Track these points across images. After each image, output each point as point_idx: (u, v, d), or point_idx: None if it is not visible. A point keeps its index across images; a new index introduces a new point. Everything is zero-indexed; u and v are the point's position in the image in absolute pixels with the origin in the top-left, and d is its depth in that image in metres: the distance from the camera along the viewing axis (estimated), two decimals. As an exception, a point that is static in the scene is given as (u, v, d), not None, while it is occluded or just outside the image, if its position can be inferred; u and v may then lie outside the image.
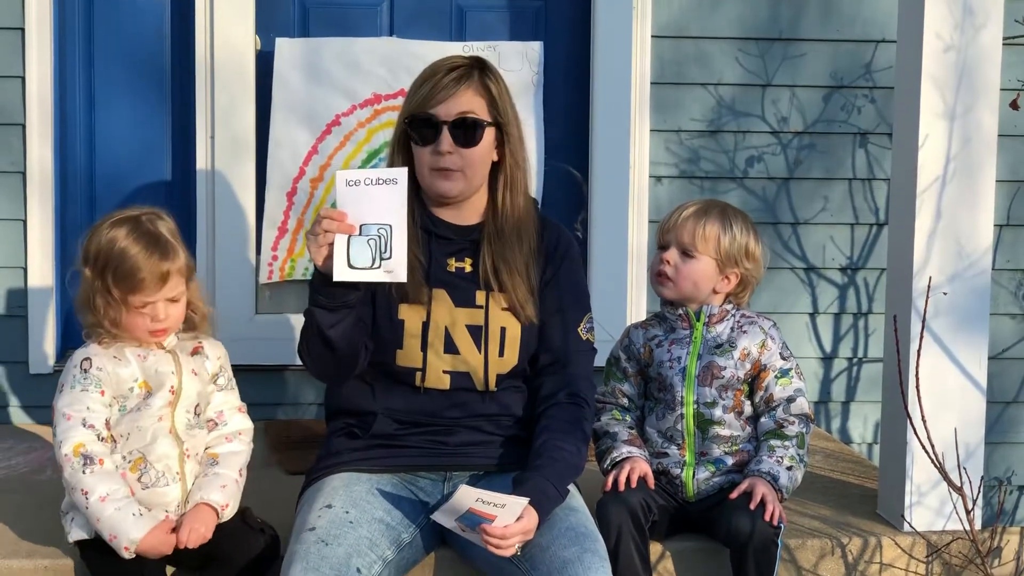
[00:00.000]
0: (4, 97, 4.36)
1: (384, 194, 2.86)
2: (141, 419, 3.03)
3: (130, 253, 2.99)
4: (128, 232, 3.02)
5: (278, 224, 4.48)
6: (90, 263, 3.03)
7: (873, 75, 4.66)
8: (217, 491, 3.06)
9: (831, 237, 4.73)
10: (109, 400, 3.03)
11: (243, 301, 4.49)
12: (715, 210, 3.36)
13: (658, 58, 4.58)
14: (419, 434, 3.14)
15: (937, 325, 3.46)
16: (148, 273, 2.99)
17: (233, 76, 4.43)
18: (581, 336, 3.18)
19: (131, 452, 3.03)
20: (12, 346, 4.44)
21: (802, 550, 3.39)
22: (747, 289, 3.39)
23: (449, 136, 3.04)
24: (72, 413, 3.00)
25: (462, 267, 3.15)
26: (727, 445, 3.33)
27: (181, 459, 3.06)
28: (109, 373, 3.02)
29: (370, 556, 2.88)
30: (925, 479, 3.48)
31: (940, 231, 3.46)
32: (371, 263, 2.87)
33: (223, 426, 3.17)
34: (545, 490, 2.94)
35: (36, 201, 4.38)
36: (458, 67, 3.08)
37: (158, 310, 3.02)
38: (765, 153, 4.66)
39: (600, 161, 4.58)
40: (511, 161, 3.14)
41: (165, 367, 3.06)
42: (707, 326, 3.35)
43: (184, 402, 3.07)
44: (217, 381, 3.18)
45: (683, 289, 3.33)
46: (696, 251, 3.31)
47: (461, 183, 3.08)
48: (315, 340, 2.99)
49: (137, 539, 2.94)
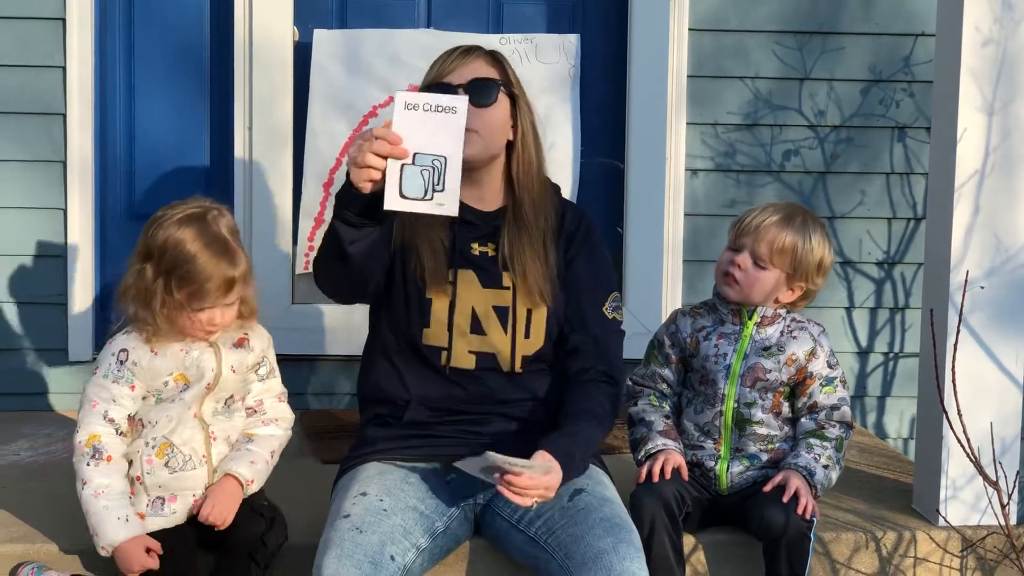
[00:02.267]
0: (45, 87, 4.40)
1: (443, 122, 2.74)
2: (171, 409, 3.06)
3: (200, 260, 2.96)
4: (197, 235, 2.98)
5: (314, 215, 4.50)
6: (153, 260, 3.00)
7: (912, 69, 4.64)
8: (246, 465, 3.09)
9: (868, 231, 4.71)
10: (140, 394, 3.05)
11: (279, 291, 4.51)
12: (797, 220, 3.26)
13: (695, 51, 4.57)
14: (452, 423, 3.15)
15: (974, 319, 3.45)
16: (215, 282, 2.98)
17: (271, 67, 4.45)
18: (607, 315, 3.19)
19: (155, 438, 3.05)
20: (53, 334, 4.48)
21: (836, 543, 3.39)
22: (807, 300, 3.37)
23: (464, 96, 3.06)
24: (98, 401, 3.03)
25: (486, 251, 3.16)
26: (763, 443, 3.32)
27: (207, 442, 3.09)
28: (144, 368, 3.04)
29: (404, 544, 2.89)
30: (960, 473, 3.47)
31: (978, 225, 3.45)
32: (423, 194, 2.74)
33: (262, 413, 3.19)
34: (572, 454, 2.96)
35: (76, 190, 4.42)
36: (465, 46, 3.14)
37: (215, 314, 3.02)
38: (802, 147, 4.65)
39: (636, 154, 4.58)
40: (523, 139, 3.16)
41: (207, 362, 3.07)
42: (758, 326, 3.33)
43: (216, 394, 3.10)
44: (258, 371, 3.20)
45: (749, 295, 3.30)
46: (770, 263, 3.27)
47: (478, 145, 3.07)
48: (332, 253, 2.92)
49: (115, 542, 2.97)
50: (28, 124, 4.41)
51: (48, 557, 3.15)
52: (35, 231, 4.44)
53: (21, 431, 4.18)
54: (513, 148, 3.16)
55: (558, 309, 3.17)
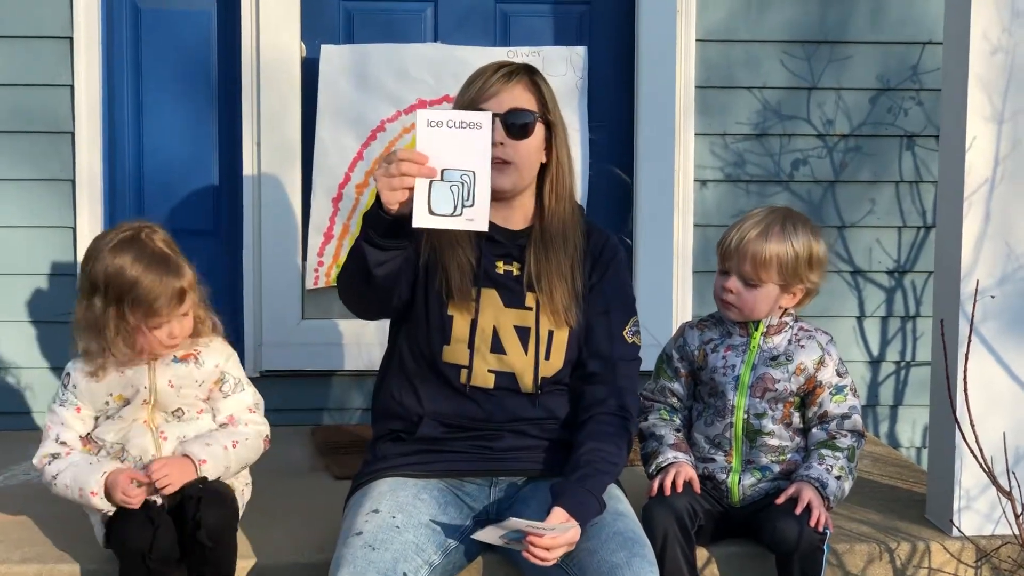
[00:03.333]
0: (54, 106, 4.40)
1: (468, 138, 2.73)
2: (114, 424, 3.16)
3: (144, 282, 3.04)
4: (135, 258, 3.05)
5: (324, 230, 4.50)
6: (99, 292, 3.07)
7: (920, 77, 4.63)
8: (200, 446, 3.12)
9: (878, 240, 4.70)
10: (90, 414, 3.18)
11: (289, 306, 4.51)
12: (775, 230, 3.25)
13: (703, 61, 4.57)
14: (465, 439, 3.14)
15: (985, 328, 3.44)
16: (164, 298, 3.05)
17: (279, 82, 4.46)
18: (627, 340, 3.18)
19: (110, 449, 3.15)
20: (63, 352, 4.44)
21: (850, 555, 3.38)
22: (809, 297, 3.36)
23: (502, 128, 3.05)
24: (51, 426, 3.19)
25: (510, 270, 3.15)
26: (775, 455, 3.32)
27: (156, 442, 3.14)
28: (83, 390, 3.15)
29: (416, 561, 2.89)
30: (974, 483, 3.46)
31: (989, 234, 3.44)
32: (452, 210, 2.74)
33: (233, 426, 3.23)
34: (587, 503, 2.94)
35: (85, 208, 4.42)
36: (507, 66, 3.11)
37: (173, 327, 3.10)
38: (811, 156, 4.65)
39: (645, 165, 4.58)
40: (558, 163, 3.15)
41: (139, 380, 3.14)
42: (764, 336, 3.33)
43: (160, 406, 3.16)
44: (222, 388, 3.23)
45: (749, 314, 3.30)
46: (759, 280, 3.26)
47: (514, 176, 3.09)
48: (358, 274, 2.93)
49: (100, 479, 3.03)
50: (37, 143, 4.41)
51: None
52: (45, 250, 4.44)
53: (31, 451, 4.15)
54: (547, 171, 3.16)
55: (579, 331, 3.16)
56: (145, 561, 2.93)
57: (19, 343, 4.46)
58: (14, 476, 3.91)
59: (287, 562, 3.21)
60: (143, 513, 2.99)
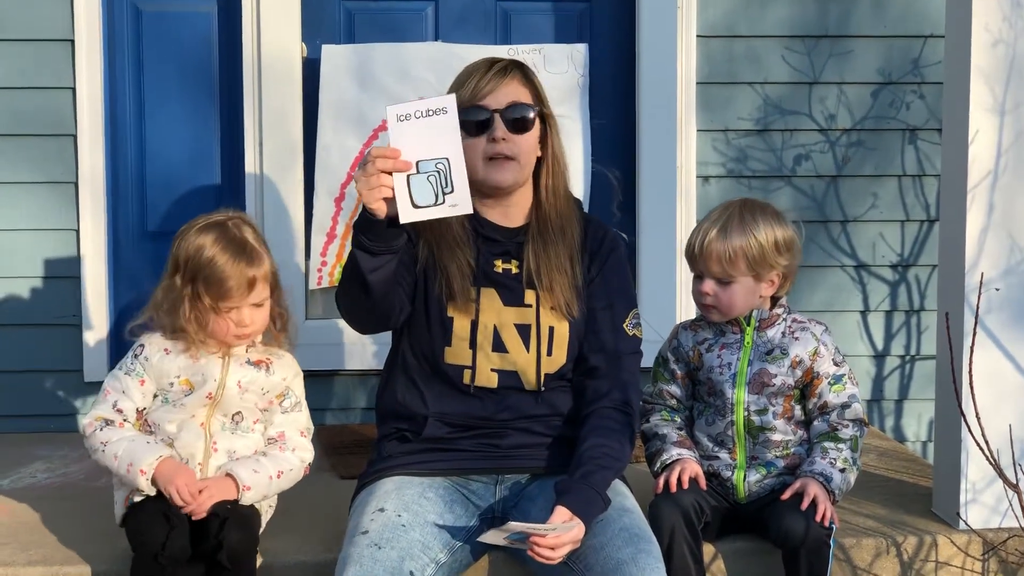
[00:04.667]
0: (56, 108, 4.41)
1: (436, 124, 2.77)
2: (173, 412, 3.14)
3: (218, 261, 3.08)
4: (216, 240, 3.11)
5: (327, 230, 4.50)
6: (180, 271, 3.12)
7: (922, 70, 4.63)
8: (247, 471, 3.11)
9: (881, 234, 4.70)
10: (151, 390, 3.16)
11: (293, 307, 4.46)
12: (732, 225, 3.26)
13: (704, 57, 4.57)
14: (470, 437, 3.14)
15: (991, 321, 3.44)
16: (235, 280, 3.08)
17: (280, 83, 4.45)
18: (628, 332, 3.18)
19: (161, 440, 3.13)
20: (67, 355, 4.48)
21: (857, 549, 3.38)
22: (789, 279, 3.36)
23: (502, 123, 3.06)
24: (110, 391, 3.17)
25: (509, 268, 3.15)
26: (778, 449, 3.32)
27: (206, 451, 3.13)
28: (154, 365, 3.14)
29: (423, 559, 2.89)
30: (980, 476, 3.45)
31: (992, 226, 3.43)
32: (434, 199, 2.78)
33: (282, 443, 3.22)
34: (592, 501, 2.94)
35: (88, 210, 4.42)
36: (498, 62, 3.13)
37: (243, 315, 3.12)
38: (813, 151, 4.64)
39: (647, 162, 4.57)
40: (554, 157, 3.17)
41: (211, 371, 3.14)
42: (758, 331, 3.33)
43: (222, 407, 3.15)
44: (283, 403, 3.23)
45: (729, 312, 3.30)
46: (730, 277, 3.26)
47: (515, 171, 3.10)
48: (354, 283, 2.94)
49: (154, 461, 3.03)
50: (40, 145, 4.42)
51: (67, 579, 3.15)
52: (48, 252, 4.44)
53: (37, 453, 4.18)
54: (542, 165, 3.17)
55: (580, 325, 3.16)
56: (157, 558, 2.94)
57: (23, 346, 4.46)
58: (21, 478, 3.91)
59: (293, 561, 3.21)
60: (161, 511, 3.00)
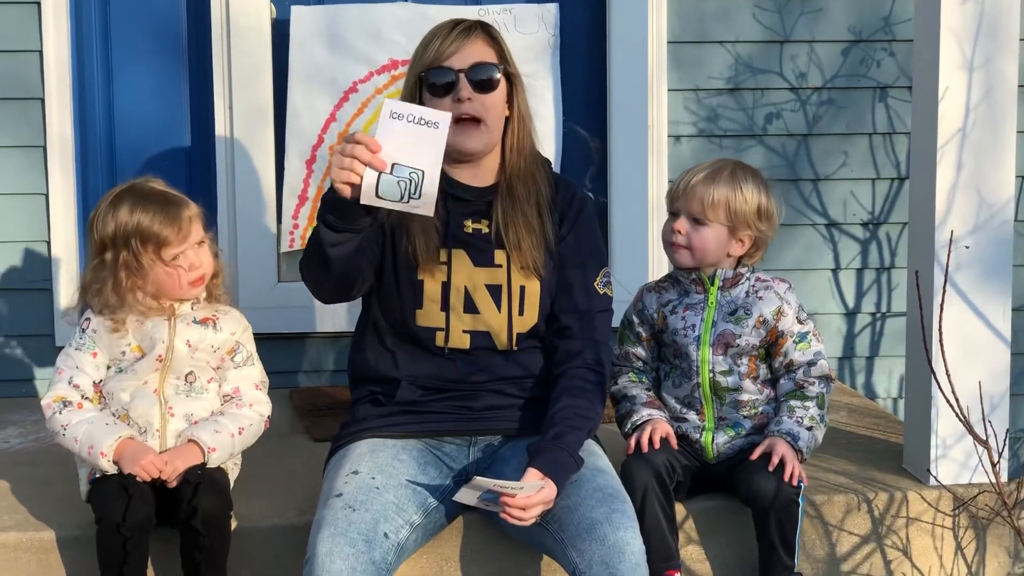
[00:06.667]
0: (23, 71, 4.37)
1: (424, 136, 2.76)
2: (126, 379, 3.14)
3: (147, 218, 3.08)
4: (133, 203, 3.11)
5: (298, 192, 4.49)
6: (109, 247, 3.10)
7: (892, 28, 4.63)
8: (208, 432, 3.11)
9: (852, 192, 4.71)
10: (104, 362, 3.17)
11: (265, 270, 4.50)
12: (724, 173, 3.29)
13: (675, 17, 4.55)
14: (443, 399, 3.15)
15: (960, 278, 3.45)
16: (170, 227, 3.09)
17: (249, 44, 4.42)
18: (598, 291, 3.19)
19: (116, 411, 3.14)
20: (38, 319, 4.46)
21: (828, 506, 3.40)
22: (760, 249, 3.37)
23: (468, 83, 3.06)
24: (64, 369, 3.17)
25: (479, 228, 3.15)
26: (746, 409, 3.33)
27: (163, 416, 3.13)
28: (101, 335, 3.15)
29: (397, 521, 2.90)
30: (950, 433, 3.48)
31: (961, 183, 3.44)
32: (399, 199, 2.78)
33: (238, 399, 3.21)
34: (563, 463, 2.95)
35: (57, 174, 4.40)
36: (462, 22, 3.12)
37: (190, 258, 3.12)
38: (784, 110, 4.64)
39: (618, 121, 4.57)
40: (519, 115, 3.17)
41: (158, 333, 3.14)
42: (721, 290, 3.33)
43: (174, 369, 3.14)
44: (234, 358, 3.22)
45: (697, 257, 3.30)
46: (707, 219, 3.27)
47: (484, 136, 3.10)
48: (315, 255, 2.95)
49: (113, 443, 3.03)
50: (7, 109, 4.38)
51: (41, 544, 3.14)
52: (18, 217, 4.42)
53: (10, 418, 4.17)
54: (509, 125, 3.17)
55: (551, 283, 3.17)
56: (119, 529, 2.94)
57: (-6, 311, 4.45)
58: (-8, 444, 3.91)
59: (268, 525, 3.22)
60: (119, 483, 3.00)
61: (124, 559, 2.96)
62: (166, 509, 3.03)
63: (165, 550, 3.08)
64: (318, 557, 2.78)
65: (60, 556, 3.15)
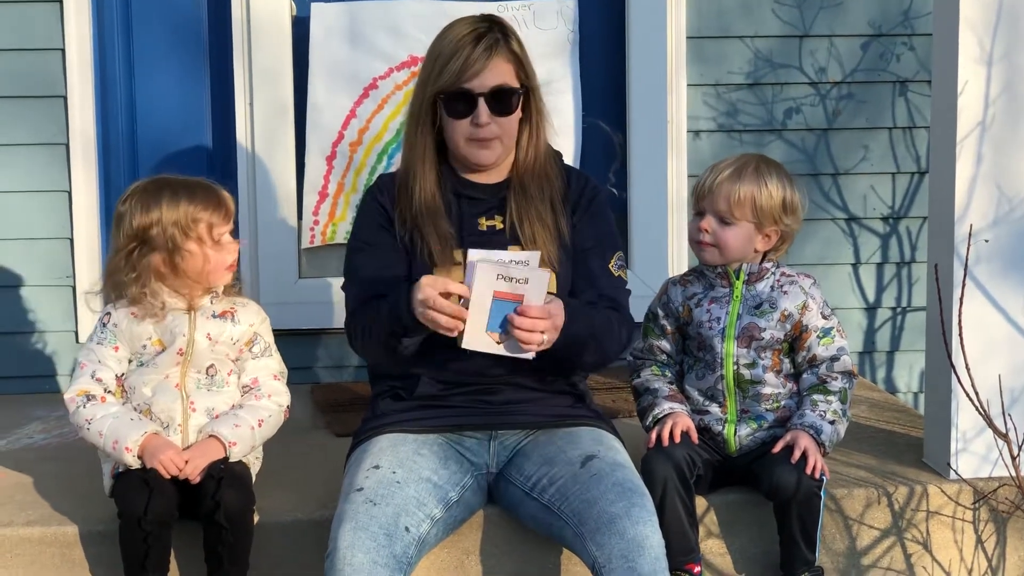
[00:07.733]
0: (46, 69, 4.40)
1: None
2: (147, 374, 3.15)
3: (194, 205, 3.12)
4: (173, 192, 3.13)
5: (319, 189, 4.51)
6: (142, 240, 3.11)
7: (912, 22, 4.62)
8: (228, 427, 3.13)
9: (872, 187, 4.70)
10: (125, 356, 3.18)
11: (286, 266, 4.52)
12: (749, 170, 3.28)
13: (694, 12, 4.56)
14: (463, 393, 3.16)
15: (980, 271, 3.45)
16: (217, 208, 3.14)
17: (270, 42, 4.44)
18: (613, 273, 3.21)
19: (138, 405, 3.15)
20: (61, 315, 4.49)
21: (848, 499, 3.40)
22: (786, 243, 3.37)
23: (486, 108, 3.07)
24: (86, 363, 3.18)
25: (493, 224, 3.17)
26: (769, 403, 3.33)
27: (184, 412, 3.14)
28: (124, 329, 3.16)
29: (418, 515, 2.91)
30: (970, 426, 3.48)
31: (981, 176, 3.44)
32: None
33: (256, 389, 3.22)
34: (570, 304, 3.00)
35: (80, 171, 4.42)
36: (482, 35, 3.09)
37: (232, 239, 3.17)
38: (804, 104, 4.64)
39: (638, 116, 4.57)
40: (536, 115, 3.19)
41: (179, 327, 3.15)
42: (747, 284, 3.34)
43: (195, 363, 3.16)
44: (252, 349, 3.23)
45: (724, 255, 3.31)
46: (733, 217, 3.27)
47: (499, 150, 3.13)
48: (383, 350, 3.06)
49: (138, 438, 3.05)
50: (31, 107, 4.41)
51: (65, 539, 3.17)
52: (41, 213, 4.45)
53: (34, 414, 4.20)
54: (523, 130, 3.18)
55: (567, 275, 3.18)
56: (141, 524, 2.96)
57: (18, 308, 4.47)
58: (18, 439, 3.93)
59: (290, 519, 3.23)
60: (140, 478, 3.02)
61: (146, 553, 2.98)
62: (190, 503, 3.05)
63: (189, 543, 3.10)
64: (340, 551, 2.79)
65: (83, 551, 3.17)
